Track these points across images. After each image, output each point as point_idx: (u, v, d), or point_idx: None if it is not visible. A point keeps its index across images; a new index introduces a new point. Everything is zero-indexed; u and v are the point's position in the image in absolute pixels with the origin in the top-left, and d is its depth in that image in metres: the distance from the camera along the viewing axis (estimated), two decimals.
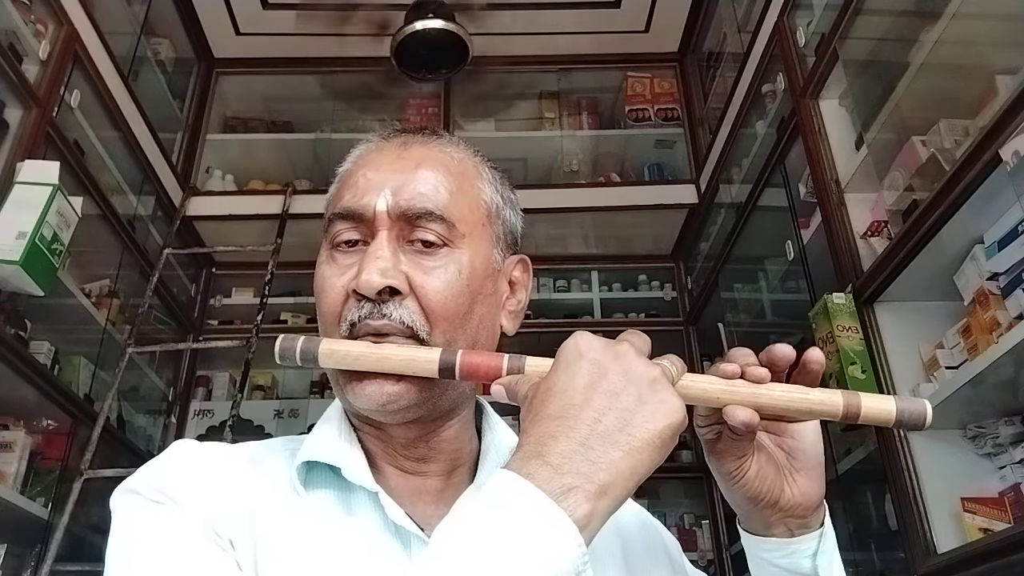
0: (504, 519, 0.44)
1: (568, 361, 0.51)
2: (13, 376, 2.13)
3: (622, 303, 3.62)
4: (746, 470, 0.59)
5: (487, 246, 0.66)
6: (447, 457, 0.66)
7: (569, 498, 0.45)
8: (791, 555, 0.61)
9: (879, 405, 0.55)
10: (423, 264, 0.62)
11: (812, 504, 0.60)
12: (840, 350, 1.85)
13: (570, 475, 0.45)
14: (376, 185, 0.63)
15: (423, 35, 3.09)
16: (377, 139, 0.69)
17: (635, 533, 0.72)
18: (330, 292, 0.63)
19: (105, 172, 2.76)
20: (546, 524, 0.44)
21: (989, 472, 1.73)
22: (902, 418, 0.54)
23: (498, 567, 0.42)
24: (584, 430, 0.47)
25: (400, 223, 0.62)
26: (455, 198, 0.64)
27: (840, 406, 0.54)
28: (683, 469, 3.25)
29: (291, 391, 3.56)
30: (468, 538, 0.44)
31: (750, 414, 0.53)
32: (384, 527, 0.60)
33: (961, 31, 1.72)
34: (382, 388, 0.60)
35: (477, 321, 0.64)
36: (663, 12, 3.53)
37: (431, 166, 0.65)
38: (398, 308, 0.60)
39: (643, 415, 0.48)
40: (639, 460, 0.47)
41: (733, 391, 0.55)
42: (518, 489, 0.45)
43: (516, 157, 3.72)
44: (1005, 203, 1.57)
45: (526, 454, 0.47)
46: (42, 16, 2.40)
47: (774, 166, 2.54)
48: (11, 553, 2.17)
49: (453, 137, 0.71)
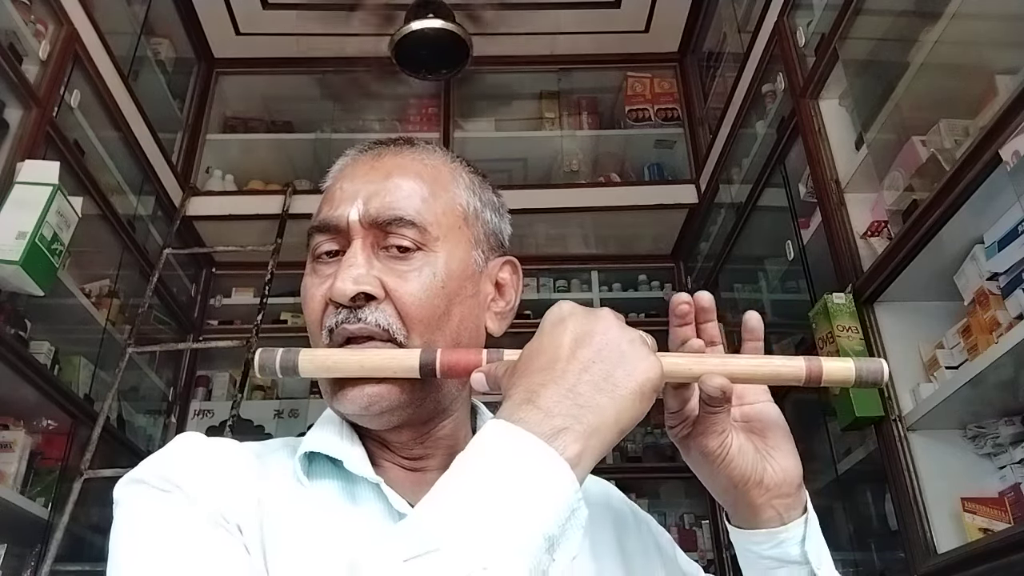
0: (498, 461, 0.45)
1: (552, 323, 0.53)
2: (13, 376, 2.13)
3: (622, 303, 3.62)
4: (729, 444, 0.60)
5: (464, 248, 0.67)
6: (444, 452, 0.67)
7: (560, 438, 0.46)
8: (780, 544, 0.61)
9: (839, 366, 0.59)
10: (397, 269, 0.64)
11: (795, 480, 0.61)
12: (840, 350, 1.84)
13: (559, 417, 0.47)
14: (349, 196, 0.66)
15: (423, 35, 3.08)
16: (354, 153, 0.72)
17: (629, 524, 0.73)
18: (311, 302, 0.65)
19: (105, 172, 2.76)
20: (539, 464, 0.45)
21: (989, 472, 1.73)
22: (860, 375, 0.58)
23: (495, 506, 0.43)
24: (571, 378, 0.49)
25: (373, 231, 0.64)
26: (427, 203, 0.66)
27: (803, 369, 0.58)
28: (683, 469, 3.15)
29: (291, 391, 3.56)
30: (464, 481, 0.45)
31: (724, 380, 0.56)
32: (388, 516, 0.61)
33: (961, 31, 1.72)
34: (363, 391, 0.61)
35: (457, 323, 0.65)
36: (663, 12, 3.53)
37: (402, 174, 0.67)
38: (374, 312, 0.62)
39: (625, 369, 0.50)
40: (623, 408, 0.49)
41: (703, 362, 0.58)
42: (510, 433, 0.46)
43: (516, 157, 3.72)
44: (1005, 203, 1.57)
45: (515, 402, 0.49)
46: (42, 16, 2.40)
47: (774, 166, 2.55)
48: (11, 553, 2.17)
49: (429, 145, 0.72)
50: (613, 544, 0.69)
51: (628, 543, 0.71)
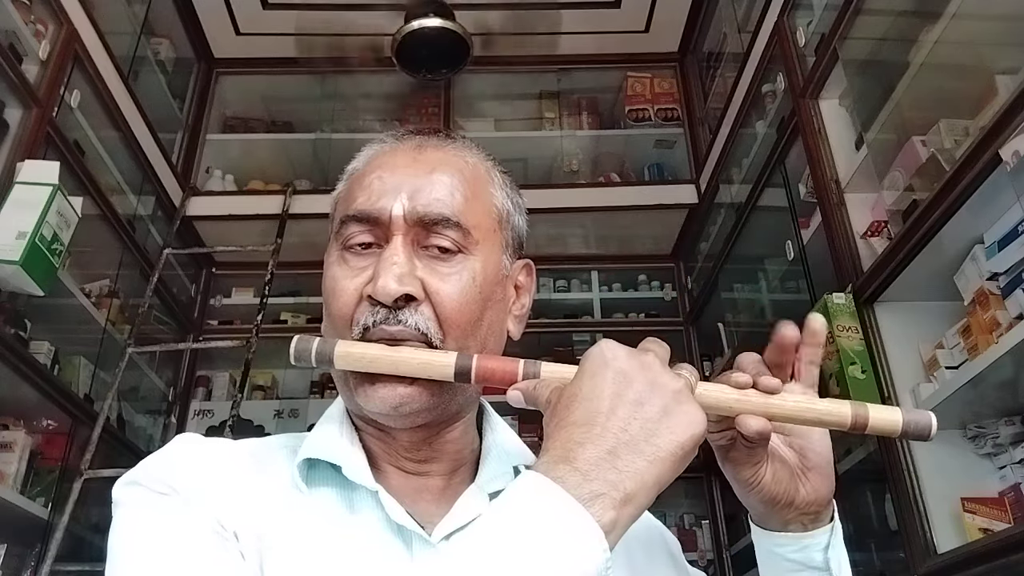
0: (533, 519, 0.45)
1: (594, 369, 0.51)
2: (13, 376, 2.13)
3: (622, 303, 3.62)
4: (762, 475, 0.59)
5: (498, 252, 0.66)
6: (449, 458, 0.66)
7: (596, 504, 0.45)
8: (804, 549, 0.61)
9: (886, 416, 0.56)
10: (438, 271, 0.62)
11: (825, 500, 0.61)
12: (840, 350, 1.84)
13: (597, 482, 0.46)
14: (391, 188, 0.63)
15: (423, 34, 3.09)
16: (391, 140, 0.68)
17: (639, 534, 0.71)
18: (342, 295, 0.62)
19: (105, 172, 2.76)
20: (574, 527, 0.44)
21: (989, 472, 1.73)
22: (908, 429, 0.56)
23: (525, 566, 0.43)
24: (611, 439, 0.47)
25: (416, 228, 0.62)
26: (470, 204, 0.64)
27: (848, 416, 0.56)
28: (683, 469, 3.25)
29: (291, 391, 3.56)
30: (497, 535, 0.45)
31: (763, 423, 0.55)
32: (386, 526, 0.60)
33: (961, 31, 1.72)
34: (395, 390, 0.60)
35: (487, 327, 0.64)
36: (663, 12, 3.53)
37: (446, 170, 0.64)
38: (414, 315, 0.60)
39: (667, 426, 0.49)
40: (663, 470, 0.48)
41: (745, 400, 0.56)
42: (548, 491, 0.45)
43: (516, 157, 3.72)
44: (1005, 203, 1.57)
45: (553, 458, 0.47)
46: (42, 16, 2.40)
47: (774, 166, 2.54)
48: (11, 553, 2.17)
49: (467, 140, 0.70)
50: (623, 557, 0.67)
51: (637, 551, 0.69)
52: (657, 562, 0.71)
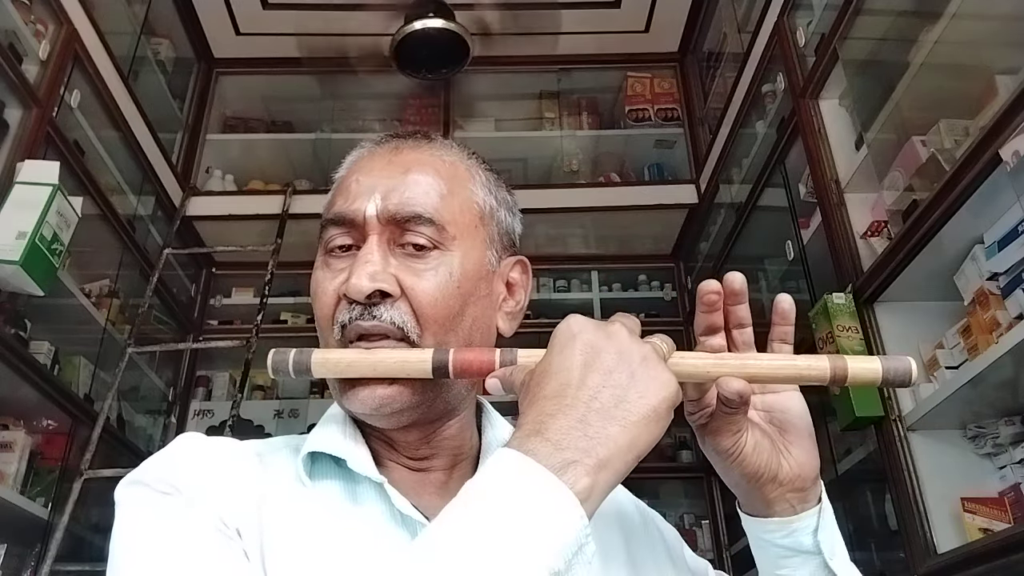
0: (507, 494, 0.45)
1: (562, 343, 0.52)
2: (13, 376, 2.13)
3: (622, 303, 3.61)
4: (742, 445, 0.59)
5: (480, 248, 0.66)
6: (449, 453, 0.67)
7: (569, 472, 0.46)
8: (792, 533, 0.61)
9: (865, 366, 0.56)
10: (413, 267, 0.63)
11: (810, 475, 0.61)
12: (840, 350, 1.84)
13: (569, 450, 0.46)
14: (366, 190, 0.64)
15: (423, 35, 3.08)
16: (370, 145, 0.70)
17: (637, 527, 0.73)
18: (323, 296, 0.64)
19: (105, 172, 2.76)
20: (548, 498, 0.45)
21: (989, 472, 1.73)
22: (888, 376, 0.56)
23: (503, 540, 0.43)
24: (582, 407, 0.48)
25: (390, 227, 0.63)
26: (445, 201, 0.65)
27: (827, 370, 0.56)
28: (683, 469, 3.25)
29: (291, 391, 3.56)
30: (472, 512, 0.45)
31: (743, 383, 0.55)
32: (391, 517, 0.60)
33: (961, 31, 1.72)
34: (374, 392, 0.61)
35: (470, 323, 0.64)
36: (663, 12, 3.53)
37: (421, 170, 0.65)
38: (389, 310, 0.61)
39: (637, 390, 0.49)
40: (636, 434, 0.48)
41: (722, 363, 0.56)
42: (520, 464, 0.46)
43: (516, 157, 3.72)
44: (1005, 203, 1.58)
45: (526, 432, 0.48)
46: (42, 16, 2.40)
47: (774, 166, 2.55)
48: (11, 553, 2.17)
49: (447, 140, 0.71)
50: (621, 549, 0.68)
51: (637, 547, 0.70)
52: (655, 555, 0.71)
